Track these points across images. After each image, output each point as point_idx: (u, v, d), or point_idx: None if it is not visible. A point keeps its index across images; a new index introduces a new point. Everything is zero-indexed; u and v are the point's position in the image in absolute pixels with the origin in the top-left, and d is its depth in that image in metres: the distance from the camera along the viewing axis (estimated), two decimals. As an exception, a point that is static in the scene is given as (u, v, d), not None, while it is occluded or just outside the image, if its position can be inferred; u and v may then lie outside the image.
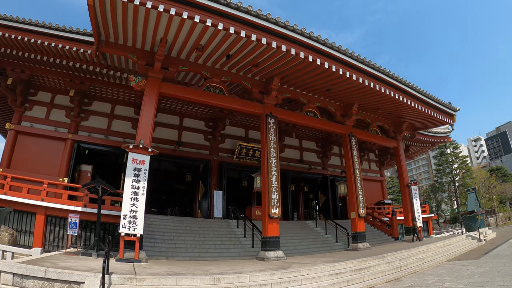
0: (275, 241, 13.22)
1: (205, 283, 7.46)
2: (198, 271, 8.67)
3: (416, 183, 19.31)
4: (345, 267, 10.96)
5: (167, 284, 7.12)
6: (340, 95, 16.43)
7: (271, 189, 13.78)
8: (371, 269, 11.18)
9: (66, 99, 16.92)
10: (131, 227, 10.36)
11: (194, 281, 7.41)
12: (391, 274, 11.09)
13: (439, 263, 12.82)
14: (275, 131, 14.64)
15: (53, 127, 16.55)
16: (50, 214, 13.14)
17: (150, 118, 12.23)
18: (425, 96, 17.05)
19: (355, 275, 10.34)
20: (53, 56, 14.40)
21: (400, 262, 12.22)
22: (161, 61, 12.48)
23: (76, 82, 16.27)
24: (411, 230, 18.41)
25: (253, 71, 14.47)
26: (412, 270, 11.65)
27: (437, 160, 62.95)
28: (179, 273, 8.27)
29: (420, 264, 12.33)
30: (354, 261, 11.41)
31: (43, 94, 16.93)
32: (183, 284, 7.27)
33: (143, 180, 11.17)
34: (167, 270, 8.66)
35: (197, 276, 7.74)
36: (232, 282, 7.76)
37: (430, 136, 23.81)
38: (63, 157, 16.30)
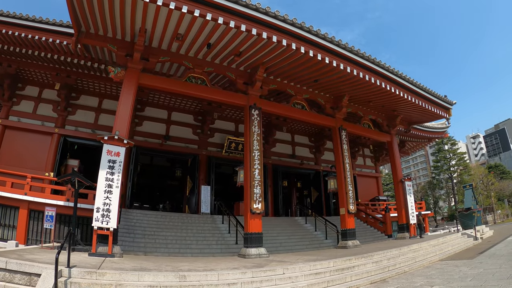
0: (257, 238, 12.12)
1: (169, 280, 6.84)
2: (168, 268, 8.01)
3: (410, 178, 17.92)
4: (327, 267, 9.78)
5: (128, 280, 6.58)
6: (329, 87, 15.15)
7: (253, 183, 12.59)
8: (355, 269, 9.96)
9: (53, 93, 16.07)
10: (104, 221, 9.71)
11: (157, 278, 6.79)
12: (377, 274, 9.84)
13: (431, 263, 11.49)
14: (259, 123, 13.44)
15: (40, 122, 15.74)
16: (34, 208, 12.33)
17: (128, 109, 11.38)
18: (419, 88, 15.69)
19: (337, 276, 9.19)
20: (38, 50, 13.65)
21: (388, 261, 10.94)
22: (140, 51, 11.64)
23: (62, 75, 15.41)
24: (404, 227, 17.07)
25: (236, 61, 13.40)
26: (400, 270, 10.37)
27: (435, 157, 60.77)
28: (146, 268, 7.59)
29: (410, 264, 11.03)
30: (337, 260, 10.20)
31: (31, 88, 16.12)
32: (145, 280, 6.69)
33: (117, 173, 10.43)
34: (135, 266, 7.99)
35: (162, 272, 7.04)
36: (198, 280, 7.04)
37: (426, 131, 22.33)
38: (50, 152, 15.53)
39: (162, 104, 18.05)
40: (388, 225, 18.10)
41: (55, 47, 13.18)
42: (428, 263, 11.43)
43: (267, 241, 14.19)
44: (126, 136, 11.00)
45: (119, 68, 11.83)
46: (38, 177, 13.53)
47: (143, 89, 16.14)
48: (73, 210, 11.45)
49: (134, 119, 17.14)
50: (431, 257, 12.18)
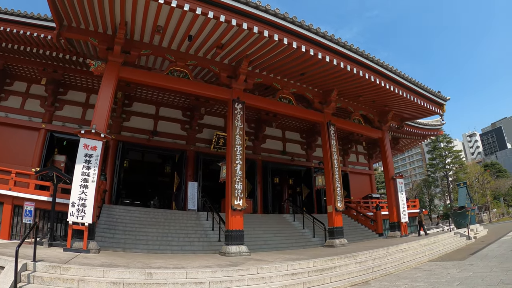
0: (238, 235, 11.32)
1: (134, 277, 6.42)
2: (139, 264, 7.51)
3: (402, 176, 16.90)
4: (306, 267, 8.96)
5: (93, 276, 6.29)
6: (317, 81, 14.24)
7: (234, 179, 11.77)
8: (336, 270, 9.08)
9: (41, 88, 15.37)
10: (80, 216, 9.24)
11: (122, 274, 6.41)
12: (360, 276, 8.96)
13: (419, 264, 10.53)
14: (242, 117, 12.61)
15: (27, 117, 15.04)
16: (18, 203, 11.66)
17: (107, 103, 10.75)
18: (411, 82, 14.71)
19: (316, 277, 8.37)
20: (24, 44, 13.03)
21: (373, 262, 10.02)
22: (121, 44, 10.99)
23: (49, 70, 14.75)
24: (395, 226, 16.08)
25: (219, 54, 12.59)
26: (385, 271, 9.45)
27: (430, 154, 59.16)
28: (115, 265, 7.18)
29: (396, 265, 10.09)
30: (318, 260, 9.33)
31: (19, 84, 15.40)
32: (109, 276, 6.34)
33: (94, 167, 9.90)
34: (105, 262, 7.56)
35: (129, 269, 6.66)
36: (165, 278, 6.54)
37: (420, 128, 21.25)
38: (37, 147, 14.84)
39: (150, 99, 17.21)
40: (379, 224, 17.11)
41: (40, 41, 12.55)
42: (417, 264, 10.47)
43: (251, 239, 13.41)
44: (105, 130, 10.44)
45: (99, 61, 11.25)
46: (23, 172, 12.81)
47: (130, 84, 15.44)
48: (51, 205, 10.86)
49: (121, 115, 16.39)
50: (420, 257, 11.21)
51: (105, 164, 15.39)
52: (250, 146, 19.21)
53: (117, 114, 16.13)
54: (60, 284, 5.94)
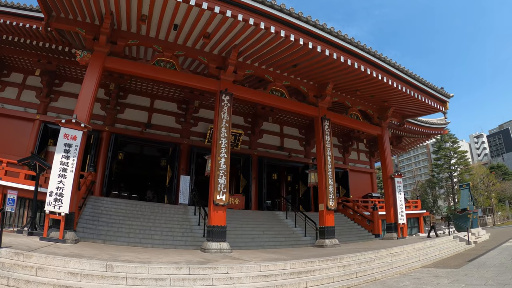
0: (220, 231, 10.48)
1: (95, 269, 6.13)
2: (106, 256, 7.12)
3: (401, 175, 15.57)
4: (282, 268, 7.98)
5: (53, 264, 6.03)
6: (310, 73, 13.15)
7: (218, 172, 10.89)
8: (315, 274, 8.03)
9: (37, 80, 14.88)
10: (57, 205, 8.85)
11: (83, 265, 6.13)
12: (341, 281, 7.91)
13: (410, 270, 9.34)
14: (229, 109, 11.69)
15: (23, 108, 14.58)
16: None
17: (90, 93, 10.23)
18: (411, 77, 13.43)
19: (290, 280, 7.43)
20: (17, 35, 12.64)
21: (359, 266, 8.90)
22: (106, 34, 10.45)
23: (43, 62, 14.29)
24: (392, 227, 14.82)
25: (207, 44, 11.66)
26: (371, 278, 8.36)
27: (435, 155, 56.39)
28: (81, 255, 6.83)
29: (384, 271, 8.95)
30: (297, 261, 8.33)
31: (16, 75, 14.97)
32: (70, 266, 6.07)
33: (73, 157, 9.46)
34: (73, 252, 7.20)
35: (92, 260, 6.34)
36: (126, 272, 6.17)
37: (424, 126, 19.75)
38: (31, 138, 14.37)
39: (145, 91, 16.42)
40: (375, 224, 15.83)
41: (32, 32, 12.12)
42: (407, 270, 9.27)
43: (238, 236, 12.58)
44: (87, 120, 9.97)
45: (85, 52, 10.72)
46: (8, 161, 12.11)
47: (123, 76, 14.76)
48: (33, 194, 10.29)
49: (116, 107, 15.68)
50: (413, 262, 9.99)
51: (98, 156, 14.82)
52: (246, 140, 18.22)
53: (111, 106, 15.42)
54: (19, 270, 5.71)
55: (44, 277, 5.64)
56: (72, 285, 5.48)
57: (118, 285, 5.78)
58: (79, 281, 5.69)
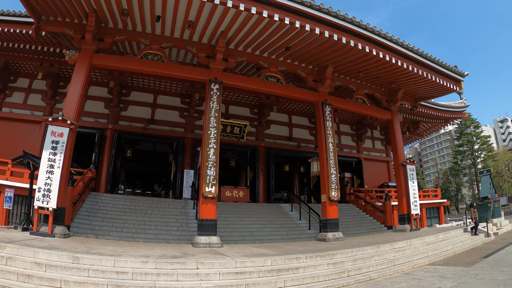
0: (210, 225, 9.72)
1: (62, 260, 6.06)
2: (84, 249, 6.96)
3: (414, 161, 13.87)
4: (261, 265, 7.06)
5: (24, 255, 6.11)
6: (306, 55, 11.97)
7: (207, 164, 10.14)
8: (299, 272, 7.01)
9: (42, 83, 14.93)
10: (45, 200, 8.77)
11: (51, 257, 6.10)
12: (327, 281, 6.87)
13: (414, 268, 8.01)
14: (218, 98, 10.84)
15: (29, 111, 14.68)
16: (15, 193, 11.13)
17: (77, 90, 9.98)
18: (419, 55, 11.89)
19: (267, 278, 6.54)
20: (18, 42, 12.69)
21: (353, 264, 7.73)
22: (92, 32, 10.14)
23: (45, 65, 14.35)
24: (405, 218, 13.26)
25: (193, 33, 10.96)
26: (364, 277, 7.18)
27: (457, 141, 51.49)
28: (56, 247, 6.74)
29: (383, 269, 7.72)
30: (280, 257, 7.42)
31: (22, 80, 15.12)
32: (39, 257, 6.07)
33: (60, 153, 9.26)
34: (51, 245, 7.02)
35: (61, 252, 6.25)
36: (91, 264, 6.02)
37: (441, 110, 17.67)
38: (37, 140, 14.29)
39: (147, 87, 15.96)
40: (388, 215, 14.25)
41: (30, 37, 12.11)
42: (410, 268, 7.95)
43: (236, 230, 11.79)
44: (75, 117, 9.74)
45: (73, 51, 10.59)
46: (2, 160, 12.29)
47: (123, 73, 14.39)
48: (28, 192, 10.31)
49: (119, 104, 15.32)
50: (419, 259, 8.61)
51: (102, 154, 14.50)
52: (252, 132, 17.27)
53: (114, 104, 15.12)
54: (-10, 260, 5.75)
55: (13, 266, 5.72)
56: (35, 275, 5.46)
57: (79, 276, 5.62)
58: (44, 271, 5.69)
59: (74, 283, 5.33)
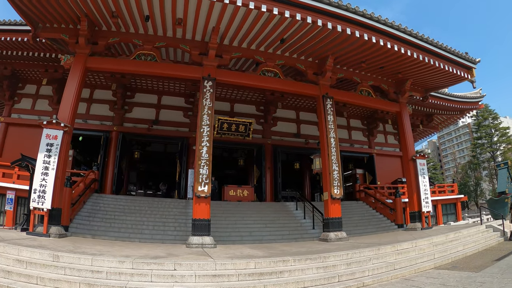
0: (203, 225, 9.30)
1: (43, 258, 6.06)
2: (69, 248, 6.95)
3: (424, 156, 12.72)
4: (243, 268, 6.54)
5: (9, 252, 6.16)
6: (305, 48, 11.25)
7: (200, 162, 9.73)
8: (284, 276, 6.45)
9: (49, 88, 15.12)
10: (40, 201, 8.80)
11: (34, 254, 6.15)
12: (312, 287, 6.19)
13: (416, 273, 7.13)
14: (211, 95, 10.41)
15: (37, 116, 14.66)
16: (20, 195, 11.47)
17: (72, 93, 10.03)
18: (425, 42, 10.81)
19: (246, 282, 6.01)
20: (21, 50, 12.87)
21: (347, 268, 7.01)
22: (85, 36, 10.12)
23: (50, 71, 14.43)
24: (416, 216, 12.20)
25: (185, 32, 10.63)
26: (356, 283, 6.47)
27: (475, 133, 47.99)
28: (43, 246, 6.76)
29: (380, 274, 6.92)
30: (265, 260, 6.92)
31: (30, 86, 15.37)
32: (22, 255, 6.11)
33: (54, 155, 9.26)
34: (40, 244, 7.05)
35: (44, 250, 6.26)
36: (70, 262, 5.97)
37: (454, 101, 16.21)
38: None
39: (151, 89, 15.79)
40: (398, 213, 13.19)
41: (31, 45, 12.11)
42: (412, 273, 7.08)
43: (235, 230, 11.35)
44: (69, 120, 9.77)
45: (69, 55, 10.60)
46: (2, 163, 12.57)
47: (125, 75, 14.27)
48: (28, 193, 10.15)
49: (123, 106, 15.22)
50: (424, 262, 7.70)
51: (107, 156, 14.43)
52: (258, 129, 16.67)
53: (118, 106, 15.04)
54: (-26, 257, 5.91)
55: (-5, 263, 5.81)
56: (15, 271, 5.50)
57: (55, 274, 5.58)
58: (24, 268, 5.73)
59: (49, 280, 5.29)
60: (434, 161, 66.88)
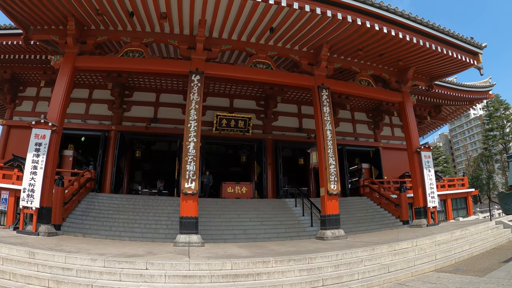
0: (191, 223, 8.87)
1: (20, 255, 6.03)
2: (50, 246, 6.82)
3: (429, 148, 11.68)
4: (219, 269, 6.00)
5: None
6: (297, 36, 10.60)
7: (186, 158, 9.38)
8: (261, 278, 5.97)
9: (48, 90, 14.65)
10: (29, 200, 8.72)
11: (12, 251, 6.11)
12: None
13: (413, 276, 6.37)
14: (199, 89, 9.92)
15: (38, 118, 14.49)
16: (20, 195, 10.79)
17: (61, 93, 9.79)
18: (426, 26, 9.83)
19: (219, 284, 5.56)
20: (18, 53, 12.72)
21: (334, 270, 6.37)
22: (73, 35, 9.91)
23: (48, 73, 14.26)
24: (421, 212, 11.25)
25: (172, 26, 10.21)
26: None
27: (486, 125, 45.19)
28: (23, 244, 6.73)
29: (370, 278, 6.22)
30: (243, 261, 6.35)
31: (30, 89, 15.37)
32: (1, 252, 6.07)
33: (42, 155, 9.11)
34: (23, 242, 7.08)
35: (20, 247, 6.22)
36: (45, 259, 5.91)
37: (462, 90, 14.97)
38: None
39: (149, 87, 15.45)
40: (403, 209, 12.23)
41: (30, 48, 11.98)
42: (409, 276, 6.30)
43: (229, 228, 10.91)
44: (58, 120, 9.61)
45: (58, 56, 10.40)
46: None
47: (121, 74, 13.98)
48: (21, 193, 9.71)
49: (121, 105, 15.04)
50: (423, 264, 6.86)
51: (106, 155, 14.20)
52: (259, 125, 16.05)
53: (116, 105, 14.79)
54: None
55: (-26, 260, 5.86)
56: None
57: (28, 270, 5.57)
58: (1, 264, 5.71)
59: (21, 276, 5.30)
60: (445, 154, 63.74)
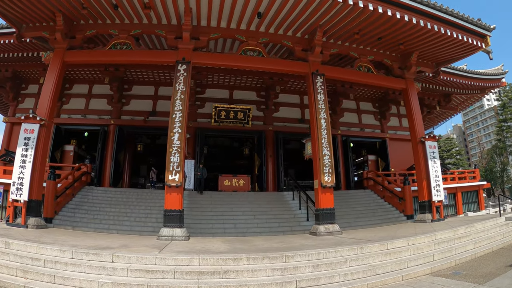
0: (175, 216, 8.51)
1: None
2: (29, 238, 6.70)
3: (435, 137, 10.56)
4: (186, 264, 5.51)
5: None
6: (288, 20, 9.85)
7: (171, 150, 8.98)
8: (229, 276, 5.55)
9: None
10: (18, 193, 8.70)
11: None
12: None
13: (403, 280, 5.59)
14: (185, 79, 9.47)
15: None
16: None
17: (50, 88, 9.72)
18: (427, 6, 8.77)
19: (182, 281, 5.13)
20: (17, 51, 12.62)
21: (312, 271, 5.76)
22: (61, 31, 9.76)
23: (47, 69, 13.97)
24: (426, 206, 10.24)
25: (159, 16, 9.79)
26: None
27: (500, 115, 42.02)
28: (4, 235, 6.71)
29: (352, 281, 5.51)
30: (212, 257, 5.97)
31: (32, 86, 15.31)
32: None
33: (31, 149, 9.05)
34: (6, 233, 7.08)
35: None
36: (19, 250, 5.90)
37: (474, 78, 13.58)
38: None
39: (148, 80, 15.06)
40: (407, 202, 11.20)
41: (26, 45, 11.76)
42: (398, 280, 5.51)
43: (219, 221, 10.36)
44: (47, 114, 9.52)
45: (49, 52, 10.32)
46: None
47: (118, 68, 13.72)
48: None
49: (120, 99, 14.78)
50: (418, 266, 6.00)
51: (105, 149, 13.99)
52: (259, 116, 15.37)
53: (115, 100, 14.55)
54: None
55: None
56: None
57: (1, 259, 5.55)
58: None
59: None
60: (459, 146, 60.28)
